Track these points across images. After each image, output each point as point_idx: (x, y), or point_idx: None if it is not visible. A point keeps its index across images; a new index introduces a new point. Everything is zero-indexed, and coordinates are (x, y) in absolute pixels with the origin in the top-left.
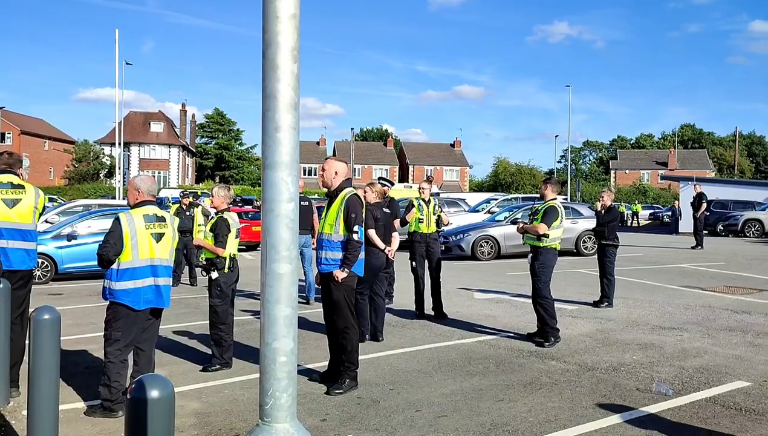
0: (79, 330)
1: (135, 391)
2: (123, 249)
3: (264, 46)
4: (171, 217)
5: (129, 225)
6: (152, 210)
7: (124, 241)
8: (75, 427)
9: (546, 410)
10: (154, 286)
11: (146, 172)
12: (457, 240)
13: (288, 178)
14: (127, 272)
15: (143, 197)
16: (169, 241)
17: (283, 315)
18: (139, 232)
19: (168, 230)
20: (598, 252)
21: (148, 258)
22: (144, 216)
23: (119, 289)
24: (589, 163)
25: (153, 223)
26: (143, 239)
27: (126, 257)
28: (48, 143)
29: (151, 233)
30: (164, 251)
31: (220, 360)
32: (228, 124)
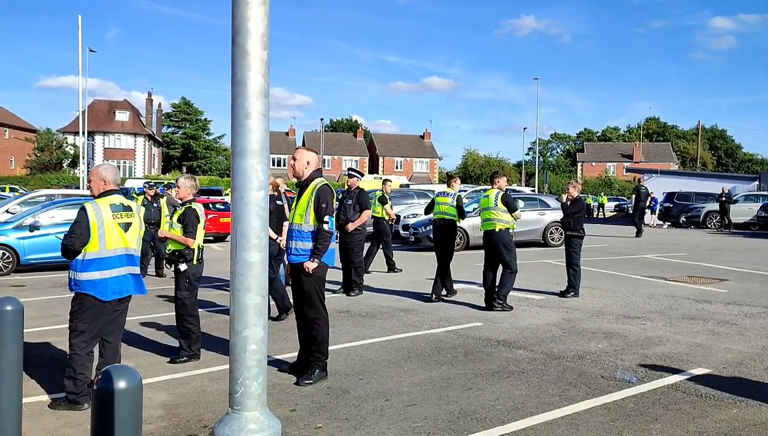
0: (43, 322)
1: (102, 382)
2: (90, 239)
3: (234, 32)
4: (137, 206)
5: (96, 215)
6: (118, 199)
7: (90, 231)
8: (39, 420)
9: (513, 398)
10: (130, 275)
11: (111, 162)
12: (427, 231)
13: (258, 165)
14: (93, 262)
15: (109, 187)
16: (136, 230)
17: (254, 303)
18: (107, 222)
19: (135, 220)
20: (564, 243)
21: (122, 247)
22: (111, 205)
23: (85, 279)
24: (556, 156)
25: (120, 212)
26: (111, 228)
27: (92, 248)
28: (9, 132)
29: (119, 223)
30: (133, 239)
31: (188, 352)
32: (195, 114)
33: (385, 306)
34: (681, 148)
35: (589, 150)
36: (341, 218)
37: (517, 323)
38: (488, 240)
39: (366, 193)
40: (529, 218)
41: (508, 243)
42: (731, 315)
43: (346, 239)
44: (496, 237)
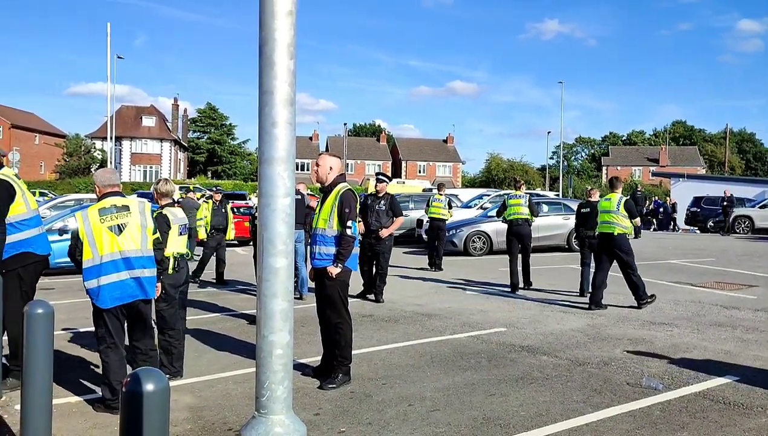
0: (72, 324)
1: (130, 385)
2: (84, 247)
3: (261, 42)
4: (140, 204)
5: (84, 223)
6: (111, 201)
7: (81, 239)
8: (68, 421)
9: (537, 404)
10: (131, 279)
11: (137, 167)
12: (450, 236)
13: (284, 173)
14: (91, 270)
15: (102, 190)
16: (136, 230)
17: (280, 309)
18: (94, 227)
19: (132, 219)
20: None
21: (117, 251)
22: (99, 210)
23: (87, 288)
24: (581, 160)
25: (110, 215)
26: (100, 234)
27: (87, 255)
28: (39, 137)
29: (109, 226)
30: (132, 241)
31: (169, 369)
32: (220, 119)
33: (408, 311)
34: (708, 151)
35: (615, 154)
36: (374, 224)
37: (541, 328)
38: (605, 243)
39: (396, 198)
40: (553, 222)
41: (625, 246)
42: (760, 322)
43: (375, 245)
44: (615, 241)
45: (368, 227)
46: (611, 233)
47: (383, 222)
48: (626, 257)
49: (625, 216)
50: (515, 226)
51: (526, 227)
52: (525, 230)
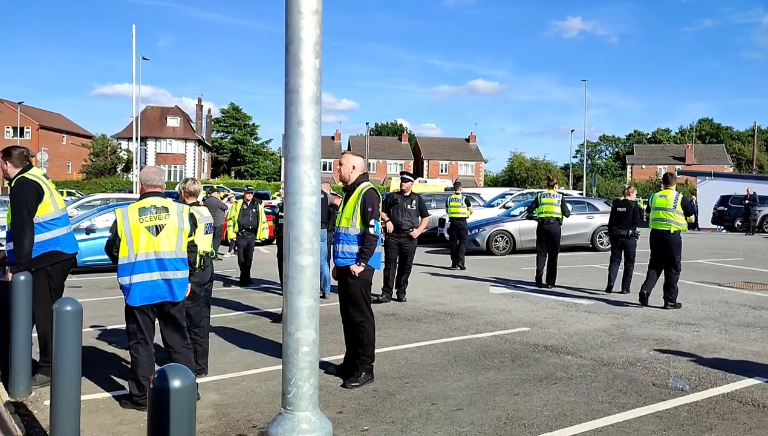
0: (99, 322)
1: (157, 381)
2: (120, 244)
3: (287, 41)
4: (179, 206)
5: (123, 220)
6: (151, 202)
7: (120, 236)
8: (96, 417)
9: (562, 404)
10: (162, 280)
11: (162, 167)
12: (472, 235)
13: (310, 171)
14: (125, 267)
15: (144, 189)
16: (173, 232)
17: (306, 306)
18: (133, 226)
19: (170, 221)
20: None
21: (152, 252)
22: (139, 209)
23: (121, 284)
24: (605, 158)
25: (149, 215)
26: (137, 233)
27: (122, 253)
28: (66, 138)
29: (147, 227)
30: (167, 243)
31: (194, 366)
32: (243, 119)
33: (431, 310)
34: (736, 150)
35: (639, 152)
36: (406, 224)
37: (565, 328)
38: (660, 240)
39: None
40: (577, 221)
41: (679, 244)
42: None
43: (405, 245)
44: (671, 238)
45: (399, 227)
46: (667, 231)
47: (414, 222)
48: (677, 256)
49: (681, 214)
50: (546, 224)
51: (557, 226)
52: (555, 229)
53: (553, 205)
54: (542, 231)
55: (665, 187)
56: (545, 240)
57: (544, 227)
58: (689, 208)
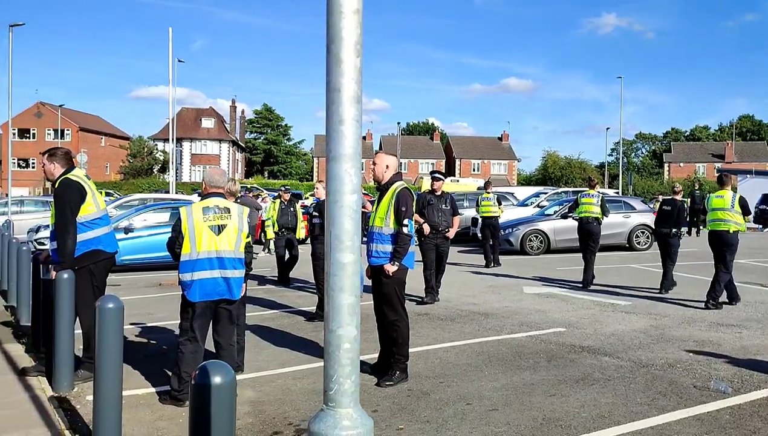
0: (138, 320)
1: (199, 377)
2: (183, 241)
3: (328, 41)
4: (239, 208)
5: (188, 218)
6: (214, 202)
7: (183, 233)
8: (136, 413)
9: (599, 405)
10: (221, 278)
11: (197, 168)
12: (506, 234)
13: (351, 170)
14: (187, 263)
15: (207, 190)
16: (233, 232)
17: (347, 303)
18: (197, 224)
19: (231, 222)
20: None
21: (213, 250)
22: (203, 208)
23: (181, 280)
24: (641, 156)
25: (212, 214)
26: (200, 231)
27: (185, 250)
28: (104, 139)
29: (210, 226)
30: (228, 242)
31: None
32: (276, 120)
33: (464, 310)
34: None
35: (677, 150)
36: (442, 224)
37: (602, 329)
38: (719, 240)
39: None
40: (614, 220)
41: (736, 244)
42: None
43: (441, 246)
44: (730, 238)
45: (436, 227)
46: (726, 231)
47: (449, 222)
48: (730, 255)
49: (740, 213)
50: (585, 224)
51: (596, 226)
52: (594, 229)
53: (593, 205)
54: (582, 230)
55: (721, 187)
56: (584, 239)
57: (584, 226)
58: (747, 207)
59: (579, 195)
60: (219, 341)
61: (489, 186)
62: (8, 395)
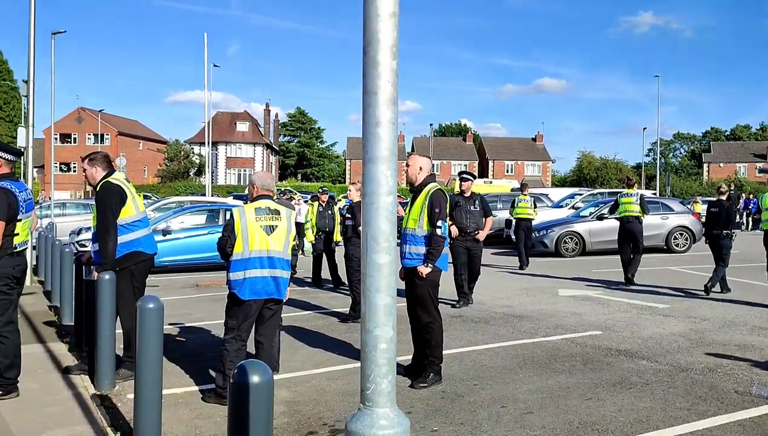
0: (175, 320)
1: (237, 376)
2: (236, 241)
3: (365, 43)
4: (288, 211)
5: (241, 218)
6: (265, 203)
7: (236, 233)
8: (175, 411)
9: (637, 410)
10: (271, 277)
11: (232, 171)
12: (540, 236)
13: (387, 171)
14: (238, 262)
15: (258, 192)
16: (282, 234)
17: (383, 304)
18: (249, 225)
19: (281, 223)
20: None
21: (264, 250)
22: (255, 209)
23: (231, 279)
24: (679, 157)
25: (264, 215)
26: (253, 231)
27: (237, 248)
28: (142, 143)
29: (261, 226)
30: (278, 243)
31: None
32: (309, 123)
33: (498, 312)
34: None
35: (717, 150)
36: (471, 226)
37: (640, 332)
38: None
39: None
40: (651, 222)
41: None
42: None
43: (471, 249)
44: None
45: (464, 230)
46: None
47: (479, 224)
48: None
49: None
50: (626, 223)
51: (638, 224)
52: (636, 227)
53: (632, 203)
54: (624, 230)
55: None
56: (628, 239)
57: (625, 225)
58: None
59: (618, 195)
60: (261, 341)
61: (526, 188)
62: (53, 393)
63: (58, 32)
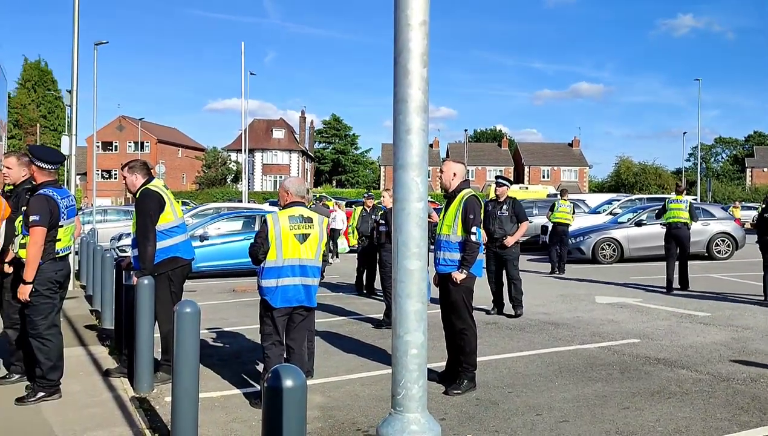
0: (212, 324)
1: (271, 380)
2: (269, 248)
3: (396, 52)
4: (320, 218)
5: (275, 226)
6: (299, 211)
7: (269, 241)
8: (211, 414)
9: (676, 420)
10: (302, 285)
11: (268, 177)
12: (577, 243)
13: (418, 178)
14: (271, 270)
15: (292, 199)
16: (315, 241)
17: (414, 309)
18: (284, 233)
19: (314, 231)
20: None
21: (296, 258)
22: (289, 217)
23: (264, 286)
24: (721, 162)
25: (298, 223)
26: (287, 239)
27: (271, 256)
28: (181, 151)
29: (295, 234)
30: (310, 251)
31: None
32: (344, 130)
33: (534, 319)
34: None
35: (761, 154)
36: (497, 232)
37: (679, 341)
38: None
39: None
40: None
41: None
42: None
43: (501, 255)
44: None
45: (491, 235)
46: None
47: (507, 229)
48: None
49: None
50: (674, 229)
51: (686, 230)
52: (684, 233)
53: (682, 209)
54: (671, 236)
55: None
56: (675, 245)
57: (672, 231)
58: None
59: (666, 201)
60: (291, 345)
61: (566, 193)
62: (94, 394)
63: (101, 43)
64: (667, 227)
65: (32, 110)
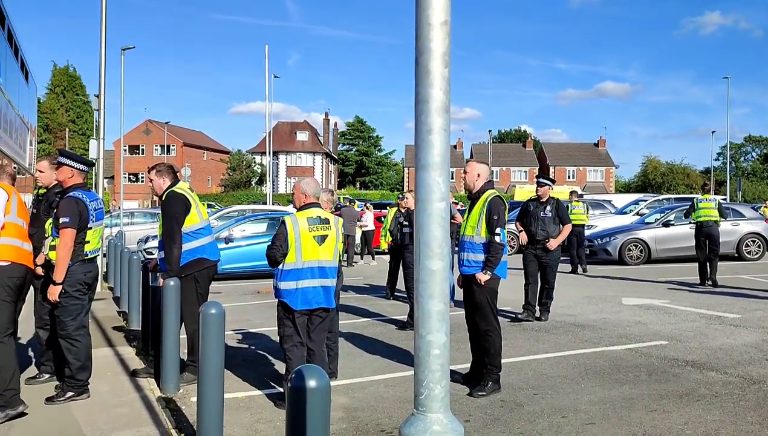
0: (237, 326)
1: (294, 381)
2: (288, 251)
3: (417, 53)
4: (336, 219)
5: (293, 228)
6: (316, 212)
7: (288, 243)
8: (235, 415)
9: (705, 423)
10: (321, 287)
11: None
12: (603, 243)
13: (439, 178)
14: (291, 272)
15: (309, 200)
16: (332, 243)
17: (436, 310)
18: (303, 234)
19: (331, 232)
20: None
21: (315, 260)
22: (308, 219)
23: (282, 288)
24: (751, 161)
25: (316, 225)
26: (306, 241)
27: (290, 259)
28: (206, 154)
29: (314, 236)
30: (328, 252)
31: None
32: (368, 132)
33: (559, 321)
34: None
35: None
36: (540, 234)
37: (708, 342)
38: None
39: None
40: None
41: None
42: None
43: (542, 258)
44: None
45: (533, 237)
46: None
47: (551, 231)
48: None
49: None
50: (705, 227)
51: (716, 228)
52: (714, 231)
53: (711, 208)
54: (701, 233)
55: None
56: (706, 242)
57: (703, 229)
58: None
59: (695, 199)
60: (311, 346)
61: (573, 195)
62: (121, 394)
63: (127, 48)
64: (698, 225)
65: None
